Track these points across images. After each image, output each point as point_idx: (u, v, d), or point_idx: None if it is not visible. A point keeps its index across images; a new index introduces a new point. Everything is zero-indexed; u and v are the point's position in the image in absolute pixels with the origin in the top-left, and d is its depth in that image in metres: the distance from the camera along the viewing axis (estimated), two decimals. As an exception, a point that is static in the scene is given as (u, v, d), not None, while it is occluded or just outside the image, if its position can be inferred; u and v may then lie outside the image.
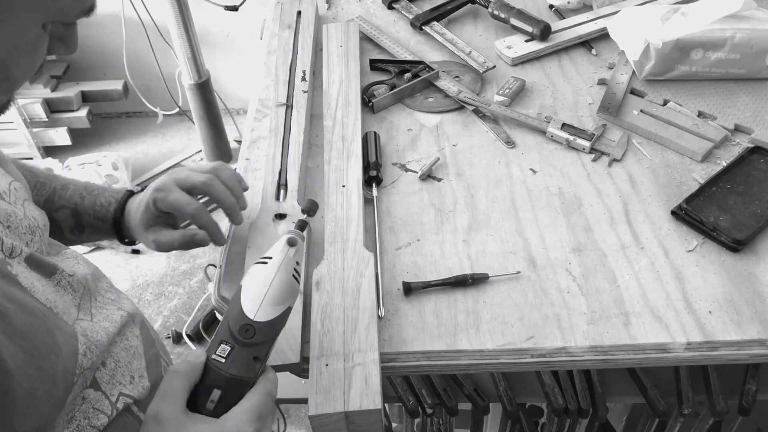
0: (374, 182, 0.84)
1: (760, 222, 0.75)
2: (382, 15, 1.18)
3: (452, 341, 0.67)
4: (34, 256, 0.55)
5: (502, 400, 0.80)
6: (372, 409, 0.60)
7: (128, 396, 0.58)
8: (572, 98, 0.97)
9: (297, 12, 1.11)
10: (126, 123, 2.68)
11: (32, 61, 0.52)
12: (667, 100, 0.94)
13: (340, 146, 0.87)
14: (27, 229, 0.57)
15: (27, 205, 0.60)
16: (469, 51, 1.04)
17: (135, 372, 0.60)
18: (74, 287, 0.59)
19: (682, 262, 0.73)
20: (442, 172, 0.87)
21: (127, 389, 0.58)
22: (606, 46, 1.05)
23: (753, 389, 0.77)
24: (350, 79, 0.98)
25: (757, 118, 0.90)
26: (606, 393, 0.81)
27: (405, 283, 0.72)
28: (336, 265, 0.72)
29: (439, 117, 0.96)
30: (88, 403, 0.54)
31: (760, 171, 0.82)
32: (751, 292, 0.70)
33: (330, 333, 0.66)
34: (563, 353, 0.67)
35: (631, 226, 0.77)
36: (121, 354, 0.60)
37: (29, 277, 0.53)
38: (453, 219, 0.80)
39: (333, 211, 0.78)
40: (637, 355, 0.67)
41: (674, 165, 0.85)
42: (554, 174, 0.85)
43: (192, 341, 1.92)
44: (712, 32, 0.92)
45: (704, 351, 0.66)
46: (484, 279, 0.72)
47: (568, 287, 0.72)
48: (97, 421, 0.54)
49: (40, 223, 0.60)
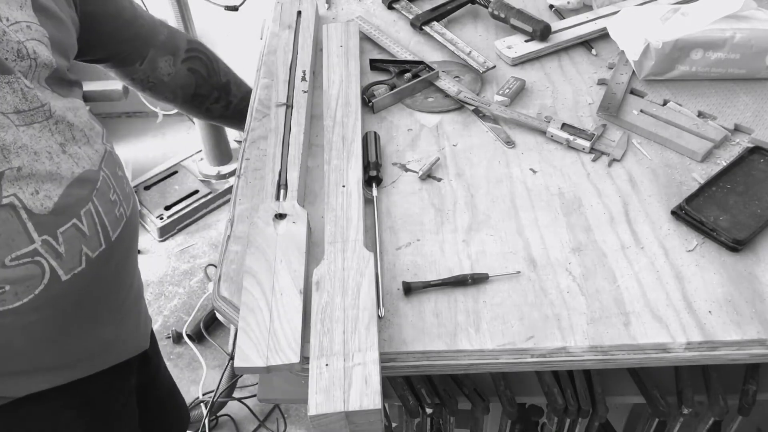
0: (374, 182, 0.84)
1: (760, 222, 0.75)
2: (382, 15, 1.18)
3: (452, 341, 0.67)
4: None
5: (502, 400, 0.81)
6: (372, 408, 0.60)
7: (20, 200, 0.68)
8: (572, 98, 0.97)
9: (297, 12, 1.11)
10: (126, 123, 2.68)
11: None
12: (667, 100, 0.94)
13: (340, 146, 0.87)
14: (14, 51, 0.67)
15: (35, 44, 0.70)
16: (469, 51, 1.04)
17: (42, 191, 0.70)
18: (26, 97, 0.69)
19: (682, 262, 0.73)
20: (442, 172, 0.87)
21: (24, 196, 0.68)
22: (606, 46, 1.06)
23: (753, 389, 0.77)
24: (350, 79, 0.98)
25: (757, 118, 0.90)
26: (606, 393, 0.81)
27: (405, 283, 0.72)
28: (336, 265, 0.72)
29: (439, 117, 0.96)
30: None
31: (760, 171, 0.82)
32: (751, 292, 0.70)
33: (330, 333, 0.66)
34: (563, 353, 0.67)
35: (631, 226, 0.78)
36: (38, 169, 0.69)
37: None
38: (453, 219, 0.80)
39: (333, 211, 0.78)
40: (637, 355, 0.67)
41: (674, 165, 0.85)
42: (554, 174, 0.85)
43: (192, 341, 1.92)
44: (712, 32, 0.92)
45: (704, 351, 0.66)
46: (484, 279, 0.72)
47: (568, 287, 0.72)
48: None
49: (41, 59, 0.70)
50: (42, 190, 0.71)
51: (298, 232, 0.75)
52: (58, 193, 0.72)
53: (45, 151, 0.71)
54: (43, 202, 0.71)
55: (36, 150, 0.70)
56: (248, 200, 0.84)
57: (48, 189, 0.72)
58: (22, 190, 0.69)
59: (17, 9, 0.69)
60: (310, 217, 0.78)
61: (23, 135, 0.69)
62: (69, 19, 0.80)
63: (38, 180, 0.70)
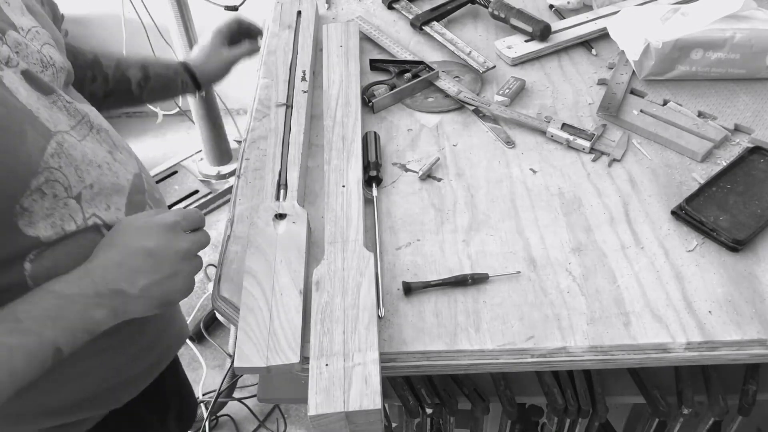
0: (374, 182, 0.84)
1: (760, 222, 0.75)
2: (382, 15, 1.18)
3: (452, 341, 0.67)
4: (33, 73, 0.65)
5: (502, 400, 0.81)
6: (372, 409, 0.60)
7: (100, 218, 0.69)
8: (572, 98, 0.97)
9: (297, 12, 1.11)
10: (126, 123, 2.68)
11: None
12: (667, 100, 0.94)
13: (340, 146, 0.87)
14: (38, 61, 0.66)
15: (47, 47, 0.69)
16: (469, 51, 1.04)
17: (113, 204, 0.71)
18: (70, 112, 0.69)
19: (682, 262, 0.73)
20: (442, 172, 0.87)
21: (101, 213, 0.69)
22: (606, 46, 1.06)
23: (753, 389, 0.77)
24: (350, 79, 0.98)
25: (757, 118, 0.90)
26: (606, 393, 0.81)
27: (405, 283, 0.72)
28: (336, 265, 0.72)
29: (439, 117, 0.96)
30: (66, 209, 0.65)
31: (760, 171, 0.82)
32: (751, 292, 0.70)
33: (330, 333, 0.66)
34: (563, 353, 0.67)
35: (631, 226, 0.78)
36: (105, 184, 0.70)
37: (17, 83, 0.62)
38: (453, 219, 0.80)
39: (333, 211, 0.78)
40: (637, 355, 0.67)
41: (674, 165, 0.85)
42: (554, 174, 0.85)
43: (192, 341, 1.92)
44: (712, 32, 0.92)
45: (704, 351, 0.66)
46: (484, 279, 0.72)
47: (568, 287, 0.72)
48: (68, 226, 0.65)
49: (57, 63, 0.70)
50: (112, 204, 0.71)
51: (298, 232, 0.75)
52: (123, 203, 0.73)
53: (104, 163, 0.71)
54: (116, 215, 0.71)
55: (99, 163, 0.70)
56: (248, 200, 0.84)
57: (116, 201, 0.72)
58: (98, 207, 0.69)
59: (20, 15, 0.68)
60: (310, 217, 0.78)
61: (87, 150, 0.69)
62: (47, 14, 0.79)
63: (107, 194, 0.71)
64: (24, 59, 0.64)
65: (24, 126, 0.61)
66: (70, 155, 0.66)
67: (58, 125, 0.66)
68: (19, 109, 0.61)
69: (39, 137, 0.62)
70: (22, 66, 0.63)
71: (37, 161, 0.61)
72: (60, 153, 0.65)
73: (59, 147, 0.65)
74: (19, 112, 0.61)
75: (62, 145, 0.65)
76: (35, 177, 0.61)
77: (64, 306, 0.60)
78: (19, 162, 0.59)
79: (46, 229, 0.63)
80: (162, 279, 0.64)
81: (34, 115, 0.63)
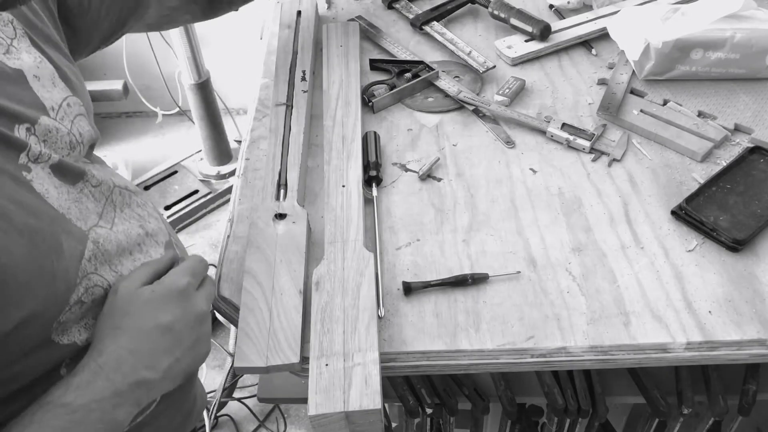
0: (374, 182, 0.84)
1: (760, 222, 0.75)
2: (382, 15, 1.18)
3: (452, 341, 0.67)
4: (64, 163, 0.59)
5: (502, 400, 0.81)
6: (372, 408, 0.60)
7: None
8: (572, 98, 0.97)
9: (297, 12, 1.11)
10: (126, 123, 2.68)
11: None
12: (667, 100, 0.94)
13: (340, 146, 0.87)
14: (67, 144, 0.61)
15: (78, 120, 0.64)
16: (469, 51, 1.04)
17: None
18: (96, 197, 0.63)
19: (682, 262, 0.73)
20: (442, 172, 0.87)
21: None
22: (606, 46, 1.05)
23: (753, 389, 0.77)
24: (350, 79, 0.98)
25: (757, 118, 0.90)
26: (606, 393, 0.81)
27: (405, 283, 0.72)
28: (336, 265, 0.72)
29: (439, 117, 0.96)
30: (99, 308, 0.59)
31: (760, 171, 0.82)
32: (751, 292, 0.70)
33: (330, 333, 0.66)
34: (563, 353, 0.67)
35: (631, 226, 0.77)
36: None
37: (47, 183, 0.57)
38: (453, 219, 0.80)
39: (333, 211, 0.78)
40: (637, 355, 0.67)
41: (674, 165, 0.85)
42: (554, 174, 0.85)
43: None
44: (712, 32, 0.92)
45: (704, 351, 0.66)
46: (484, 279, 0.72)
47: (568, 287, 0.72)
48: None
49: (86, 138, 0.65)
50: None
51: (298, 232, 0.75)
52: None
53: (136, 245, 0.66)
54: None
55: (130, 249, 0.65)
56: (248, 200, 0.84)
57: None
58: None
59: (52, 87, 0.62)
60: (310, 217, 0.78)
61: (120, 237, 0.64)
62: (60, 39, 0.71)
63: None
64: (52, 148, 0.59)
65: (60, 237, 0.55)
66: (106, 251, 0.61)
67: (88, 220, 0.60)
68: (53, 218, 0.56)
69: (76, 244, 0.57)
70: (53, 159, 0.58)
71: (75, 273, 0.56)
72: (96, 254, 0.59)
73: (95, 246, 0.59)
74: (54, 222, 0.56)
75: (98, 243, 0.60)
76: (74, 291, 0.56)
77: (81, 420, 0.52)
78: (57, 280, 0.54)
79: (80, 333, 0.58)
80: (184, 352, 0.59)
81: (67, 218, 0.57)
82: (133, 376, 0.55)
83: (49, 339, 0.55)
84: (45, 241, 0.53)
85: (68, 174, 0.60)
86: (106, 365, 0.55)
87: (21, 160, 0.55)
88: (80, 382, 0.54)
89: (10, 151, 0.55)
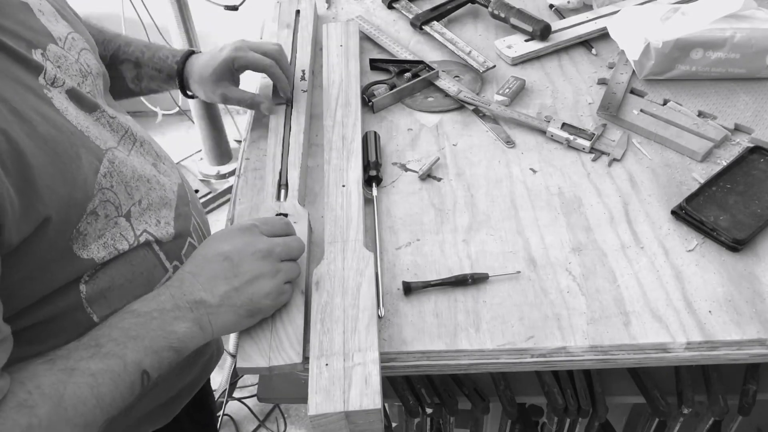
0: (374, 182, 0.84)
1: (760, 222, 0.75)
2: (382, 15, 1.18)
3: (452, 341, 0.67)
4: (77, 91, 0.64)
5: (502, 400, 0.80)
6: (372, 408, 0.60)
7: (151, 234, 0.68)
8: (572, 98, 0.97)
9: (296, 11, 1.11)
10: (126, 123, 2.68)
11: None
12: (667, 99, 0.94)
13: (340, 146, 0.87)
14: (78, 72, 0.66)
15: (84, 54, 0.69)
16: (469, 51, 1.04)
17: (162, 218, 0.71)
18: (113, 127, 0.68)
19: (682, 261, 0.73)
20: (442, 171, 0.87)
21: (152, 229, 0.69)
22: (606, 46, 1.05)
23: (753, 389, 0.77)
24: (350, 78, 0.98)
25: (757, 117, 0.90)
26: (606, 393, 0.81)
27: (405, 283, 0.72)
28: (336, 265, 0.72)
29: (439, 117, 0.96)
30: (117, 228, 0.64)
31: (760, 171, 0.82)
32: (751, 291, 0.70)
33: (330, 333, 0.66)
34: (563, 353, 0.67)
35: (631, 226, 0.77)
36: (153, 198, 0.70)
37: (65, 103, 0.61)
38: (453, 219, 0.80)
39: (333, 211, 0.78)
40: (637, 355, 0.67)
41: (674, 165, 0.85)
42: (554, 174, 0.85)
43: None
44: (712, 32, 0.92)
45: (704, 351, 0.66)
46: (484, 279, 0.72)
47: (568, 287, 0.72)
48: (120, 245, 0.64)
49: (94, 70, 0.69)
50: (161, 218, 0.71)
51: (300, 232, 0.75)
52: (172, 216, 0.73)
53: (152, 176, 0.71)
54: (166, 230, 0.71)
55: (147, 177, 0.69)
56: (248, 200, 0.84)
57: (165, 215, 0.71)
58: (148, 223, 0.68)
59: (56, 22, 0.67)
60: (311, 217, 0.78)
61: (136, 164, 0.68)
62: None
63: (155, 209, 0.70)
64: (66, 73, 0.63)
65: (79, 150, 0.60)
66: (120, 172, 0.65)
67: (107, 142, 0.65)
68: (72, 132, 0.60)
69: (93, 158, 0.61)
70: (68, 84, 0.63)
71: (92, 184, 0.61)
72: (112, 172, 0.64)
73: (111, 165, 0.64)
74: (73, 135, 0.60)
75: (113, 163, 0.64)
76: (91, 200, 0.60)
77: (144, 323, 0.58)
78: (76, 187, 0.58)
79: (99, 250, 0.62)
80: (243, 284, 0.62)
81: (85, 135, 0.62)
82: (191, 295, 0.61)
83: (69, 249, 0.59)
84: (66, 151, 0.58)
85: (84, 102, 0.64)
86: (171, 285, 0.62)
87: (40, 81, 0.60)
88: (149, 296, 0.61)
89: (30, 71, 0.59)
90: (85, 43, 0.70)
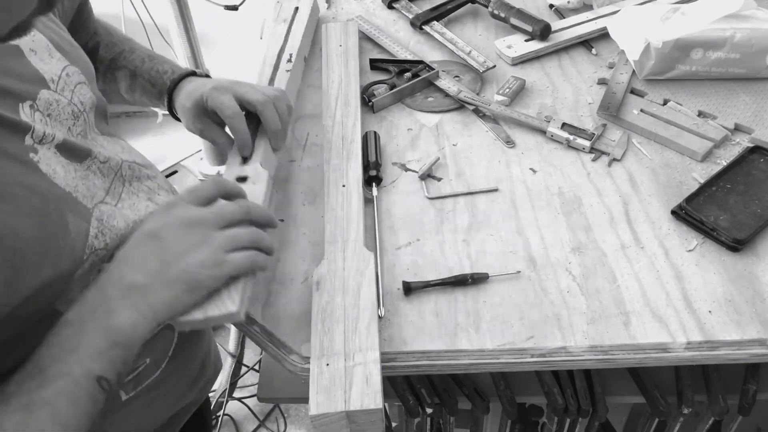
0: (374, 182, 0.84)
1: (760, 222, 0.75)
2: (382, 14, 1.18)
3: (452, 341, 0.67)
4: (68, 142, 0.61)
5: (502, 400, 0.81)
6: (373, 408, 0.60)
7: None
8: (572, 98, 0.97)
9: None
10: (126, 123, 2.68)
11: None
12: (667, 99, 0.94)
13: (340, 146, 0.87)
14: (70, 114, 0.62)
15: (79, 89, 0.65)
16: (469, 50, 1.04)
17: None
18: (104, 172, 0.65)
19: (682, 261, 0.73)
20: (442, 171, 0.87)
21: None
22: (606, 46, 1.05)
23: (753, 389, 0.77)
24: (350, 78, 0.98)
25: (757, 117, 0.90)
26: (606, 393, 0.81)
27: (405, 283, 0.72)
28: (336, 265, 0.72)
29: (439, 117, 0.96)
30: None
31: (760, 171, 0.82)
32: (751, 291, 0.70)
33: (330, 333, 0.66)
34: (563, 353, 0.67)
35: (631, 226, 0.77)
36: None
37: (53, 163, 0.58)
38: (453, 219, 0.80)
39: (333, 211, 0.78)
40: (637, 354, 0.67)
41: (674, 165, 0.85)
42: (554, 174, 0.85)
43: (192, 341, 1.92)
44: (712, 32, 0.92)
45: (704, 351, 0.66)
46: (484, 279, 0.72)
47: (568, 287, 0.72)
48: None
49: (87, 105, 0.65)
50: None
51: (258, 193, 0.72)
52: None
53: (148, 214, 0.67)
54: None
55: (143, 218, 0.65)
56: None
57: None
58: None
59: (49, 58, 0.62)
60: (311, 217, 0.78)
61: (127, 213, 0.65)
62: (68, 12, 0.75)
63: None
64: (57, 121, 0.60)
65: (66, 217, 0.56)
66: (113, 227, 0.62)
67: (94, 196, 0.62)
68: (59, 197, 0.57)
69: (81, 221, 0.58)
70: (58, 138, 0.59)
71: (81, 250, 0.58)
72: (103, 230, 0.61)
73: (100, 224, 0.61)
74: (59, 200, 0.57)
75: (101, 221, 0.61)
76: (80, 267, 0.57)
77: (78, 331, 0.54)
78: (63, 258, 0.56)
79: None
80: (173, 258, 0.57)
81: (73, 196, 0.59)
82: (121, 282, 0.56)
83: (53, 309, 0.57)
84: (52, 222, 0.55)
85: (74, 152, 0.61)
86: (97, 280, 0.57)
87: (27, 142, 0.56)
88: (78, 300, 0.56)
89: (16, 134, 0.56)
90: (81, 75, 0.66)
